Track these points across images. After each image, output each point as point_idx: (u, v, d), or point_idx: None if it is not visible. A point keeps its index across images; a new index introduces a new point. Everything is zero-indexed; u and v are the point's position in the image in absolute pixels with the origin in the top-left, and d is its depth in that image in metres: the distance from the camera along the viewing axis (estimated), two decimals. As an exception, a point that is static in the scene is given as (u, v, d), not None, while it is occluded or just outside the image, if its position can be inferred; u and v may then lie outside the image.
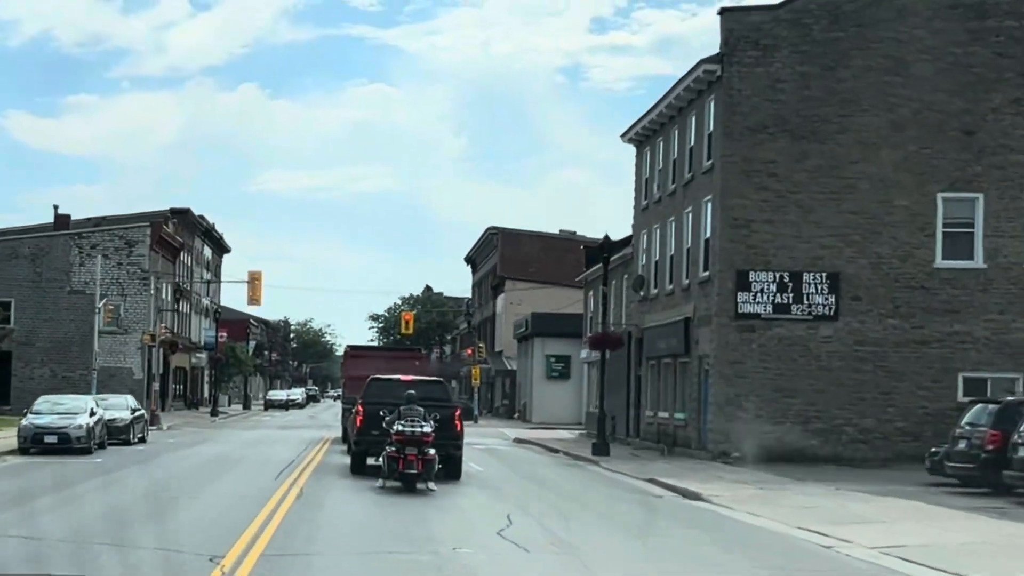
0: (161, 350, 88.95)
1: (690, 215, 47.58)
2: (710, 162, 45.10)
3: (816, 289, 43.08)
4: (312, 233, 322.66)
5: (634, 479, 36.21)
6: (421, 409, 29.06)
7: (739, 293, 43.10)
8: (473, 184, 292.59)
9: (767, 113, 43.36)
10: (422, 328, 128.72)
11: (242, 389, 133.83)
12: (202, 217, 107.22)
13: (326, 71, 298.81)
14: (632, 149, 57.67)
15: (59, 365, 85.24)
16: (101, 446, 43.52)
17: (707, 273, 45.00)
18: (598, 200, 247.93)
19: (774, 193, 43.23)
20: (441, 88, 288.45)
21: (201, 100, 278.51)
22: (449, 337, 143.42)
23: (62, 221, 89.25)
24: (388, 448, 28.76)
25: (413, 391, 30.14)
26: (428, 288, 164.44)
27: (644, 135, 54.97)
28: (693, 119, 47.62)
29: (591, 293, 67.92)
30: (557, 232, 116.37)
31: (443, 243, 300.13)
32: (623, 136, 57.53)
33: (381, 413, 30.05)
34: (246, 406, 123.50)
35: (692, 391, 46.43)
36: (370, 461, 33.04)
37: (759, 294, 43.07)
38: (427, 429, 28.52)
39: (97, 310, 74.28)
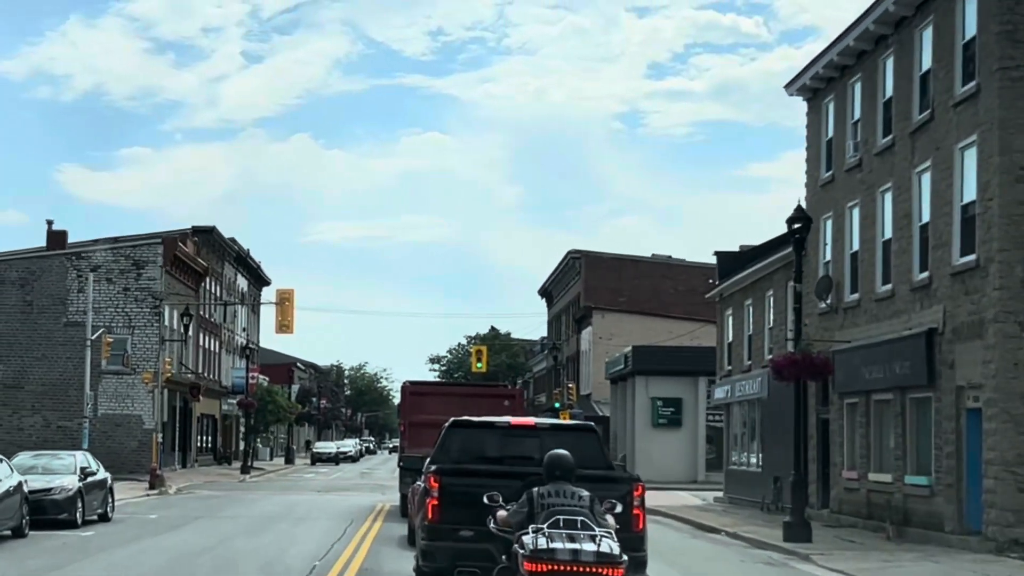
0: (178, 394, 73.18)
1: (927, 175, 31.09)
2: (971, 85, 28.69)
3: None
4: (367, 283, 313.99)
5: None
6: (586, 495, 12.27)
7: (1035, 285, 26.72)
8: (529, 232, 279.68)
9: (1076, -4, 27.12)
10: (491, 372, 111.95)
11: (287, 440, 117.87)
12: (233, 240, 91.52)
13: (379, 121, 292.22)
14: (801, 105, 41.25)
15: (53, 412, 70.32)
16: (16, 533, 27.45)
17: (971, 258, 28.48)
18: (663, 244, 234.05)
19: (1091, 123, 26.91)
20: (496, 136, 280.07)
21: (254, 151, 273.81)
22: (521, 381, 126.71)
23: (57, 239, 73.03)
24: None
25: (566, 452, 12.92)
26: (493, 329, 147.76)
27: (825, 78, 38.37)
28: (929, 31, 31.23)
29: (728, 311, 51.23)
30: (649, 256, 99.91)
31: (501, 290, 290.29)
32: (789, 87, 41.06)
33: (486, 499, 13.35)
34: (288, 460, 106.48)
35: (943, 442, 29.82)
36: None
37: (1070, 286, 26.68)
38: (611, 548, 11.53)
39: (88, 343, 58.32)
